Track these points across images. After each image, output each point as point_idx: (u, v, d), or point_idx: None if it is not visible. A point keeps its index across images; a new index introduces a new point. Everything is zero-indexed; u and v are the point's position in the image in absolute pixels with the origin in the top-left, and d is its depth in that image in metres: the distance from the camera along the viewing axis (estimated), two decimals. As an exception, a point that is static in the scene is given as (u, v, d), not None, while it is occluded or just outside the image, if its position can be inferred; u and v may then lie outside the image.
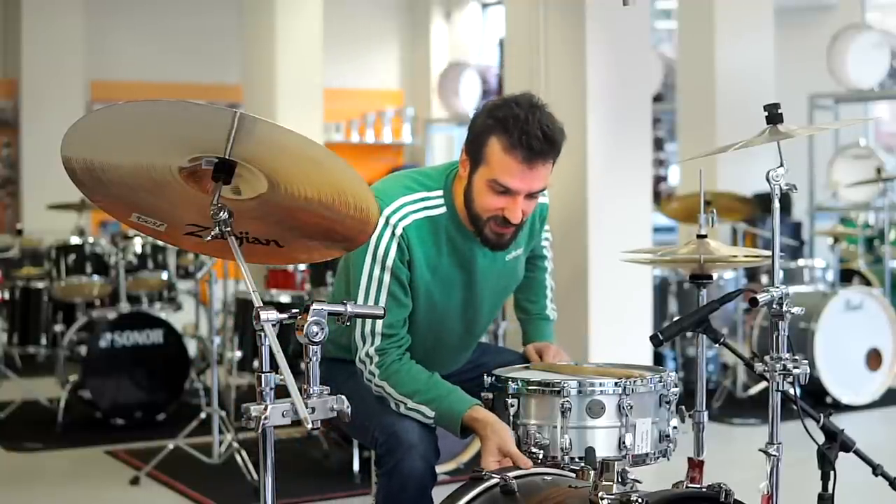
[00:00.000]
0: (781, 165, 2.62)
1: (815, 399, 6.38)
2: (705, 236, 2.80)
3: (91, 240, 6.61)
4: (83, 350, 6.06)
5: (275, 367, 2.08)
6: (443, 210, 2.74)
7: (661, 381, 2.52)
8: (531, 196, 2.66)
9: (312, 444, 5.40)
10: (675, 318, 5.61)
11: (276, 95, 8.74)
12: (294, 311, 2.16)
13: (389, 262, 2.67)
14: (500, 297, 2.94)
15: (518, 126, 2.58)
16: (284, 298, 5.72)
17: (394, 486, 2.59)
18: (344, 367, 2.83)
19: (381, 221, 2.66)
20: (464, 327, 2.86)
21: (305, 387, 2.10)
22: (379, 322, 2.69)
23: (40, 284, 6.60)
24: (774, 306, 2.58)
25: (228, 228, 2.18)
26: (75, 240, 6.57)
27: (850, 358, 6.54)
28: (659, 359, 6.67)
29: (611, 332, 5.64)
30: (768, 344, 2.62)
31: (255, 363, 5.66)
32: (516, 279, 2.96)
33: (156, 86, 10.48)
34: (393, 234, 2.67)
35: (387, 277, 2.68)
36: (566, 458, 2.45)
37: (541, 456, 2.48)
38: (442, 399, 2.64)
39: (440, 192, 2.75)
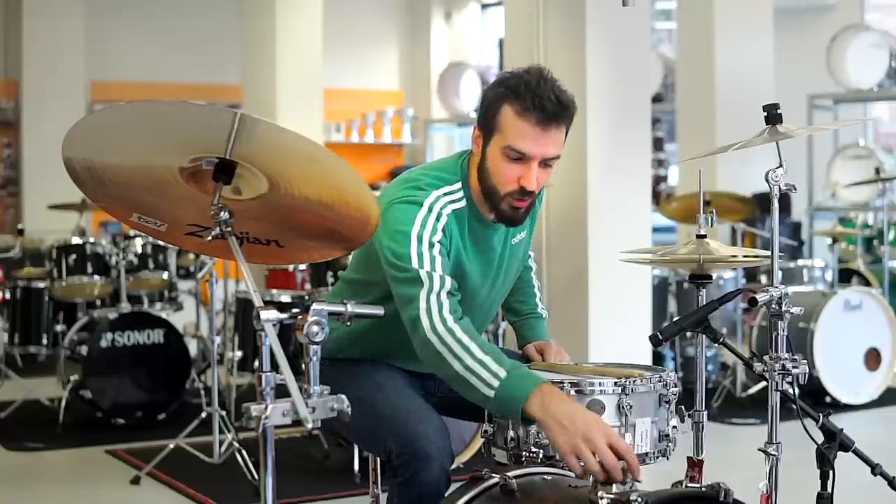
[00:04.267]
0: (781, 166, 2.62)
1: (815, 399, 6.38)
2: (705, 236, 2.80)
3: (92, 240, 6.61)
4: (84, 350, 6.07)
5: (275, 366, 2.09)
6: (463, 203, 2.71)
7: (660, 381, 2.52)
8: (545, 164, 2.64)
9: (312, 444, 5.41)
10: (675, 318, 5.62)
11: (276, 96, 8.75)
12: (294, 310, 2.17)
13: (437, 238, 2.59)
14: (511, 283, 2.93)
15: (530, 90, 2.59)
16: (285, 298, 5.73)
17: (411, 495, 2.56)
18: (345, 370, 2.81)
19: (423, 210, 2.61)
20: (482, 316, 2.87)
21: (306, 386, 2.10)
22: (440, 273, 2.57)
23: (41, 284, 6.61)
24: (774, 306, 2.58)
25: (229, 228, 2.19)
26: (76, 240, 6.57)
27: (849, 358, 6.55)
28: (658, 358, 6.68)
29: (610, 331, 5.64)
30: (767, 344, 2.62)
31: (256, 363, 5.67)
32: (522, 263, 2.95)
33: (156, 86, 10.49)
34: (438, 217, 2.62)
35: (437, 254, 2.58)
36: (566, 457, 2.45)
37: (541, 456, 2.47)
38: (511, 364, 2.46)
39: (458, 185, 2.72)
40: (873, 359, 6.61)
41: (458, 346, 2.48)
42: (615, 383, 2.46)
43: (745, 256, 2.87)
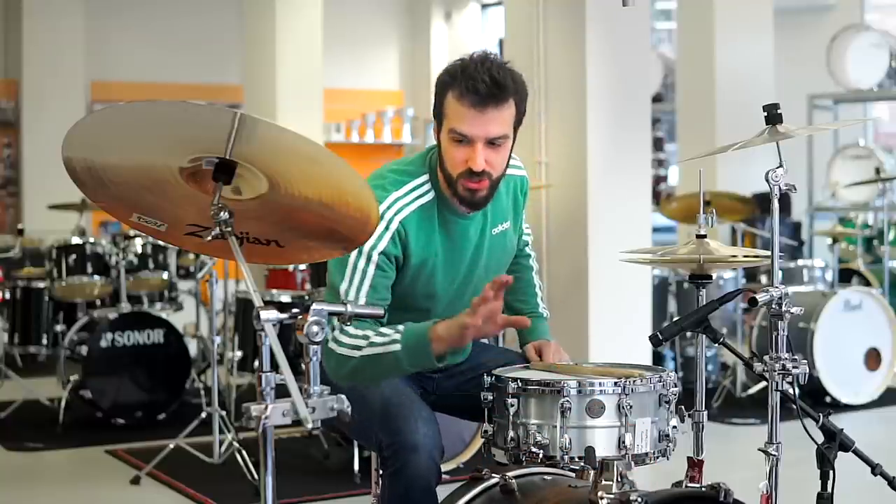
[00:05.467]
0: (781, 166, 2.62)
1: (815, 399, 6.38)
2: (705, 236, 2.80)
3: (92, 240, 6.61)
4: (84, 350, 6.06)
5: (275, 366, 2.09)
6: (431, 195, 2.78)
7: (660, 381, 2.52)
8: (492, 144, 2.70)
9: (312, 444, 5.41)
10: (675, 318, 5.62)
11: (276, 96, 8.76)
12: (294, 310, 2.17)
13: (375, 255, 2.69)
14: (493, 269, 2.93)
15: (466, 74, 2.67)
16: (285, 298, 5.73)
17: (399, 487, 2.58)
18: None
19: None
20: (462, 309, 2.86)
21: (305, 386, 2.10)
22: (358, 301, 2.70)
23: (41, 284, 6.60)
24: (774, 306, 2.58)
25: (229, 228, 2.19)
26: (76, 240, 6.57)
27: (849, 358, 6.55)
28: (658, 358, 6.68)
29: (610, 331, 5.64)
30: (767, 344, 2.62)
31: (256, 363, 5.67)
32: (508, 254, 2.98)
33: (156, 86, 10.49)
34: (387, 227, 2.70)
35: (371, 269, 2.70)
36: (566, 457, 2.45)
37: (541, 456, 2.48)
38: (405, 328, 2.64)
39: (425, 177, 2.80)
40: (873, 359, 6.61)
41: (350, 347, 2.64)
42: (615, 383, 2.47)
43: (745, 256, 2.87)
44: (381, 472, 2.66)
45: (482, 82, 2.65)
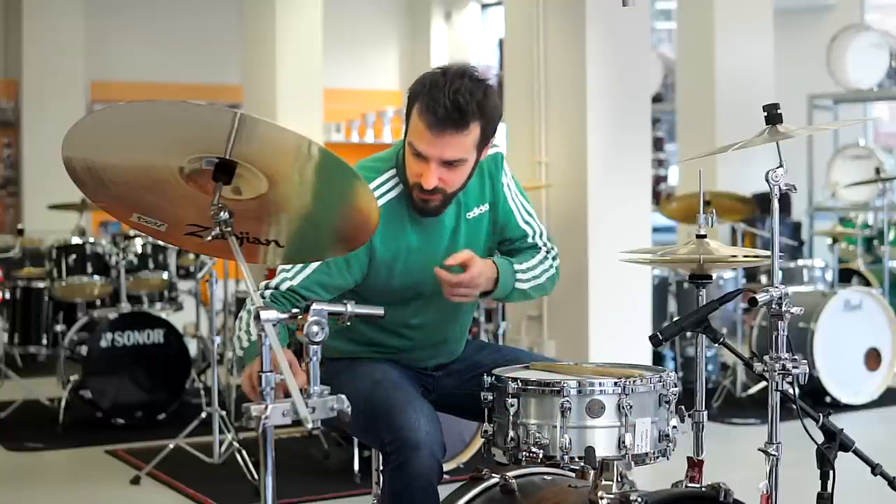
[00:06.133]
0: (781, 166, 2.62)
1: (815, 399, 6.38)
2: (705, 236, 2.80)
3: (92, 240, 6.61)
4: (84, 350, 6.07)
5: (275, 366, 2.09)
6: (399, 190, 2.79)
7: (660, 381, 2.52)
8: (449, 165, 2.67)
9: (312, 444, 5.41)
10: (675, 318, 5.62)
11: (276, 96, 8.75)
12: (294, 310, 2.17)
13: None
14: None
15: (432, 93, 2.64)
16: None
17: (400, 484, 2.59)
18: (346, 367, 2.83)
19: None
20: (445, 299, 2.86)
21: (305, 386, 2.10)
22: (290, 281, 2.72)
23: (41, 284, 6.60)
24: (774, 306, 2.58)
25: (229, 228, 2.19)
26: (76, 240, 6.57)
27: (849, 358, 6.55)
28: (658, 358, 6.68)
29: (610, 331, 5.64)
30: (767, 344, 2.62)
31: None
32: (488, 236, 2.92)
33: (156, 86, 10.49)
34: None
35: (315, 262, 2.71)
36: (566, 457, 2.45)
37: (541, 456, 2.48)
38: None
39: (393, 171, 2.80)
40: (873, 359, 6.61)
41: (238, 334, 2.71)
42: (615, 383, 2.47)
43: (745, 256, 2.87)
44: (382, 468, 2.66)
45: (443, 106, 2.62)
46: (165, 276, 6.72)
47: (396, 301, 2.79)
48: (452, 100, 2.62)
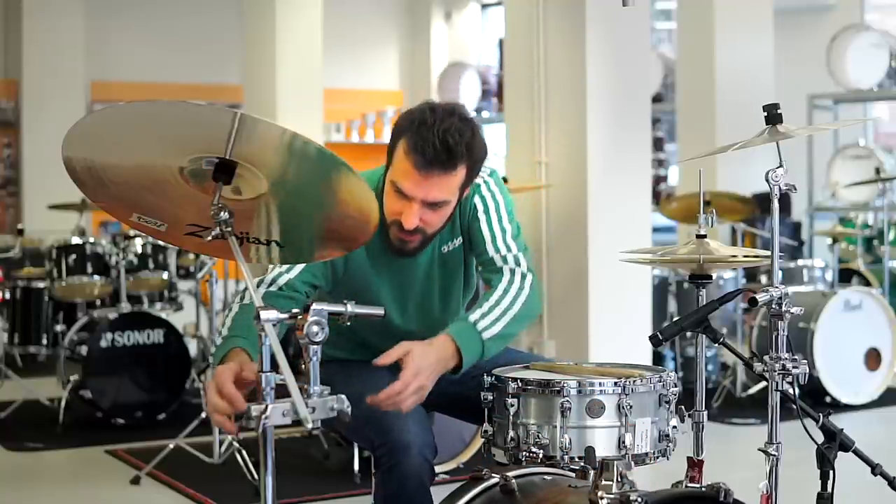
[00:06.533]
0: (781, 166, 2.62)
1: (815, 399, 6.38)
2: (705, 236, 2.80)
3: (92, 240, 6.61)
4: (84, 350, 6.07)
5: (275, 366, 2.09)
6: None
7: (660, 381, 2.52)
8: (432, 206, 2.61)
9: (312, 444, 5.41)
10: (675, 318, 5.62)
11: (276, 96, 8.76)
12: (294, 310, 2.17)
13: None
14: (450, 288, 2.87)
15: (420, 131, 2.55)
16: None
17: (392, 485, 2.59)
18: (342, 368, 2.83)
19: None
20: (420, 323, 2.85)
21: (305, 386, 2.10)
22: (282, 277, 2.68)
23: (41, 284, 6.61)
24: (774, 306, 2.58)
25: (229, 228, 2.19)
26: (76, 240, 6.57)
27: (849, 358, 6.55)
28: (658, 358, 6.68)
29: (610, 331, 5.64)
30: (767, 344, 2.62)
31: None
32: (463, 266, 2.86)
33: (156, 86, 10.49)
34: None
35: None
36: (566, 457, 2.45)
37: (541, 456, 2.48)
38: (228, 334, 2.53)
39: None
40: (873, 359, 6.61)
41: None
42: (615, 383, 2.47)
43: (745, 256, 2.87)
44: (374, 471, 2.66)
45: (432, 146, 2.54)
46: (165, 276, 6.72)
47: (377, 323, 2.72)
48: (442, 139, 2.54)
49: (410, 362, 2.50)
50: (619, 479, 2.41)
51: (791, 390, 2.60)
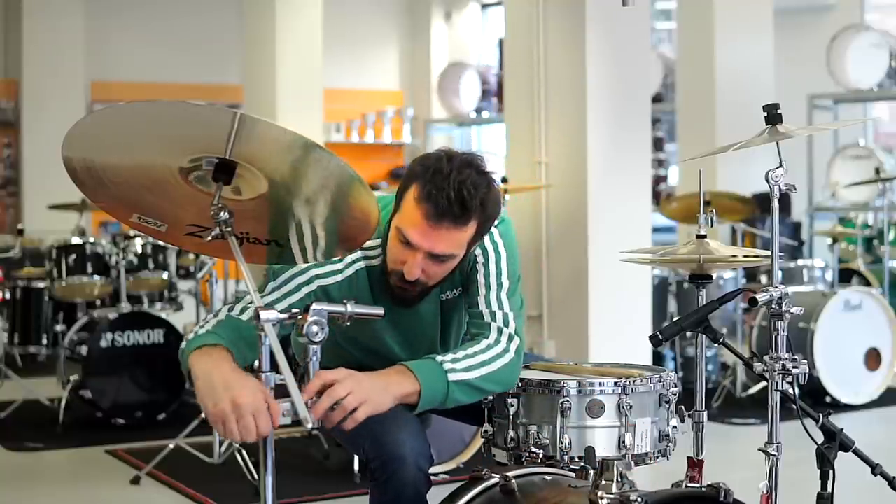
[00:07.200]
0: (781, 166, 2.62)
1: (815, 399, 6.38)
2: (705, 236, 2.80)
3: (92, 240, 6.61)
4: (84, 350, 6.06)
5: (275, 366, 2.09)
6: (378, 261, 2.62)
7: (660, 381, 2.52)
8: (436, 258, 2.48)
9: (312, 444, 5.41)
10: (675, 318, 5.62)
11: (276, 96, 8.76)
12: (294, 311, 2.17)
13: (315, 284, 2.55)
14: (447, 331, 2.78)
15: (435, 179, 2.42)
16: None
17: (388, 495, 2.55)
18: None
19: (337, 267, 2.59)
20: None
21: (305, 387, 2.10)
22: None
23: (41, 284, 6.60)
24: (774, 306, 2.58)
25: (229, 228, 2.19)
26: (76, 240, 6.57)
27: (849, 358, 6.55)
28: (658, 358, 6.68)
29: (610, 331, 5.64)
30: (767, 344, 2.62)
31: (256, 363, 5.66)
32: (459, 313, 2.76)
33: (156, 86, 10.49)
34: (342, 270, 2.59)
35: (301, 293, 2.54)
36: (566, 457, 2.46)
37: (541, 456, 2.48)
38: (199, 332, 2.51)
39: (378, 241, 2.61)
40: (873, 359, 6.61)
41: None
42: (615, 383, 2.47)
43: (745, 256, 2.87)
44: (371, 481, 2.62)
45: (445, 197, 2.40)
46: (165, 276, 6.72)
47: (369, 349, 2.71)
48: (457, 191, 2.40)
49: (340, 376, 2.34)
50: (619, 479, 2.42)
51: (791, 390, 2.60)
